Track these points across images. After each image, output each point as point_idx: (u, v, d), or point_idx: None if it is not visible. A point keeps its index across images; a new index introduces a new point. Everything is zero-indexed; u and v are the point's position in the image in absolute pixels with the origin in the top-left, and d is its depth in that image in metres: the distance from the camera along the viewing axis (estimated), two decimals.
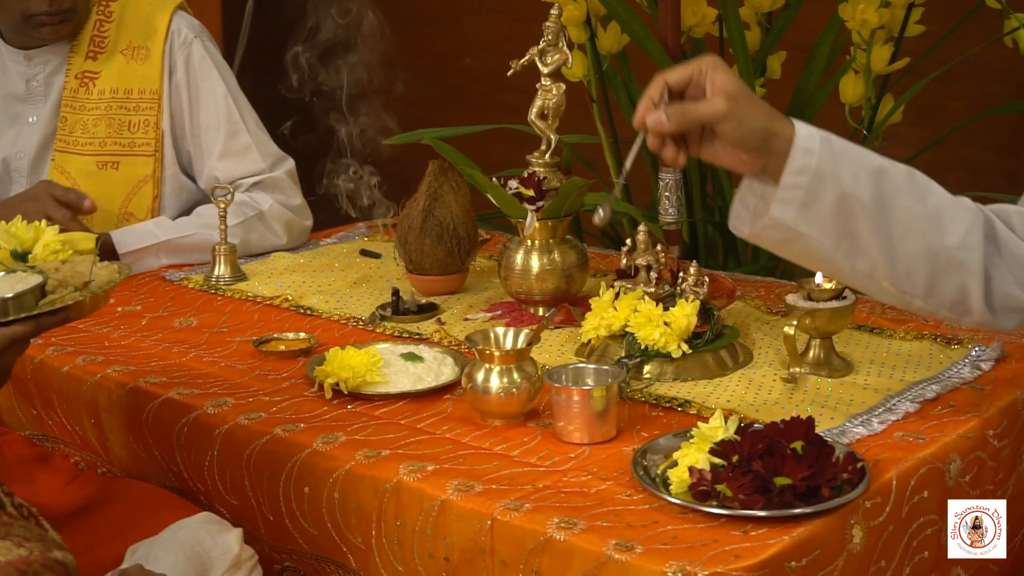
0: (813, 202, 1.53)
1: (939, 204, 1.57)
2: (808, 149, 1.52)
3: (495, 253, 2.28)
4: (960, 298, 1.58)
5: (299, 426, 1.71)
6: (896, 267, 1.56)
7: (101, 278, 1.65)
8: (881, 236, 1.55)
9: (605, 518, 1.44)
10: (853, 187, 1.53)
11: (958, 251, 1.56)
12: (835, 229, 1.55)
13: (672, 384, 1.82)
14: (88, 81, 2.55)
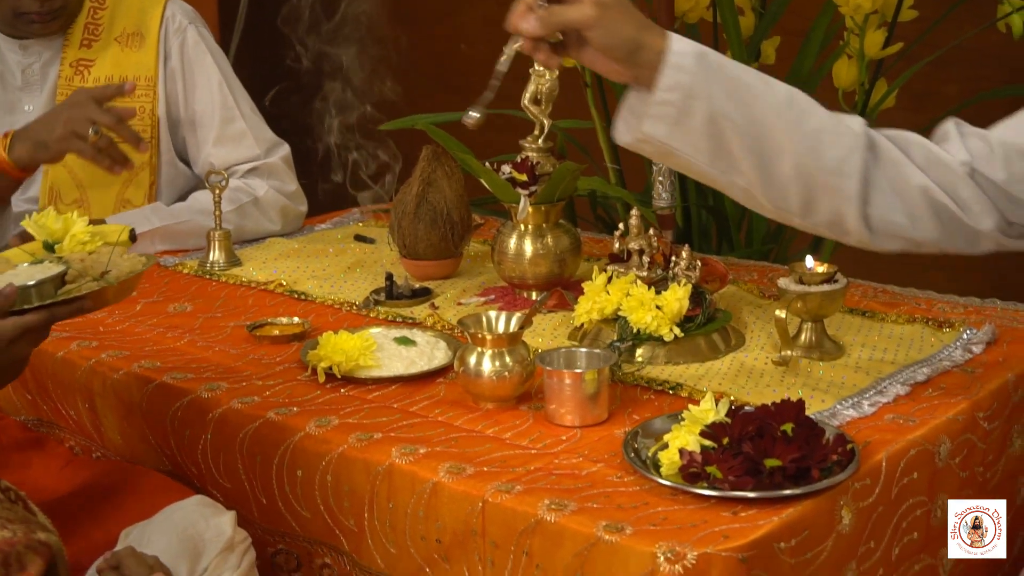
0: (684, 119, 1.52)
1: (818, 127, 1.55)
2: (680, 65, 1.50)
3: (489, 238, 2.29)
4: (836, 220, 1.58)
5: (292, 410, 1.72)
6: (771, 186, 1.56)
7: (122, 269, 1.65)
8: (754, 155, 1.54)
9: (596, 500, 1.45)
10: (725, 106, 1.51)
11: (832, 175, 1.55)
12: (708, 147, 1.54)
13: (664, 367, 1.82)
14: (83, 69, 2.55)
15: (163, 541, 1.58)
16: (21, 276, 1.61)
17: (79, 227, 1.76)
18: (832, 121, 1.57)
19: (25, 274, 1.61)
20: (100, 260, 1.66)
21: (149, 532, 1.60)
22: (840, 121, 1.57)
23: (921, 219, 1.59)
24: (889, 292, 2.13)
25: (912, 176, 1.57)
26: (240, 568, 1.59)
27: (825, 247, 2.72)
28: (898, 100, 2.54)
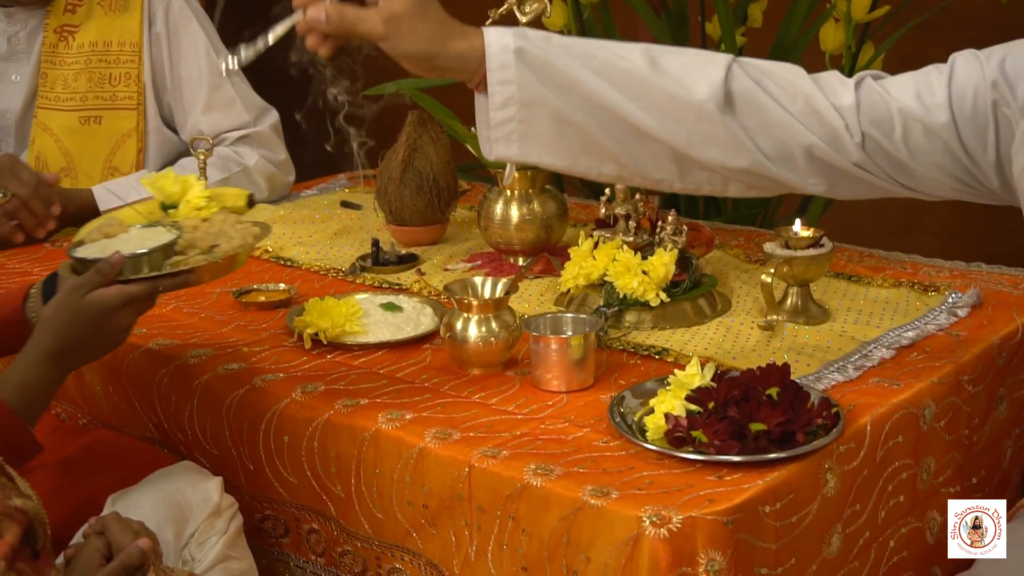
0: (530, 131, 1.47)
1: (663, 98, 1.47)
2: (505, 79, 1.45)
3: (475, 204, 2.28)
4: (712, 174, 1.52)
5: (278, 376, 1.72)
6: (639, 167, 1.51)
7: (233, 241, 1.62)
8: (612, 141, 1.48)
9: (582, 464, 1.45)
10: (564, 109, 1.46)
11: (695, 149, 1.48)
12: (566, 150, 1.49)
13: (650, 332, 1.83)
14: (67, 35, 2.53)
15: (149, 507, 1.58)
16: (132, 242, 1.59)
17: (196, 192, 1.71)
18: (679, 85, 1.48)
19: (136, 240, 1.60)
20: (212, 230, 1.63)
21: (136, 498, 1.60)
22: (689, 84, 1.48)
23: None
24: (875, 256, 2.13)
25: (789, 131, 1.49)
26: (227, 533, 1.60)
27: (812, 212, 2.72)
28: (885, 63, 2.53)
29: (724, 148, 1.49)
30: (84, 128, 2.54)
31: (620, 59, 1.48)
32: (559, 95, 1.46)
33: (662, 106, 1.47)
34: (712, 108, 1.47)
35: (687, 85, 1.48)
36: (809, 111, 1.49)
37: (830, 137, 1.49)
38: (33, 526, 1.20)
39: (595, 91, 1.47)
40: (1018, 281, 1.99)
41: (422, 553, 1.56)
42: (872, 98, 1.50)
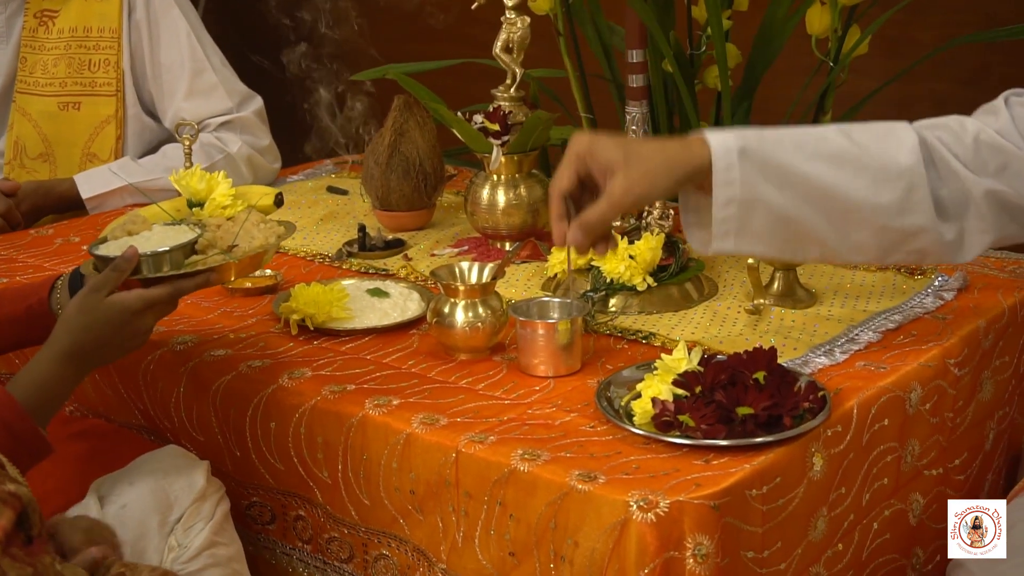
0: (746, 227, 1.53)
1: (871, 181, 1.53)
2: (728, 181, 1.50)
3: (462, 188, 2.28)
4: (919, 253, 1.59)
5: (265, 362, 1.72)
6: (846, 252, 1.58)
7: (254, 241, 1.61)
8: (821, 233, 1.54)
9: (569, 449, 1.45)
10: (781, 202, 1.52)
11: (903, 220, 1.54)
12: (777, 241, 1.55)
13: (637, 317, 1.83)
14: (47, 20, 2.52)
15: (134, 492, 1.57)
16: (154, 239, 1.59)
17: (221, 190, 1.70)
18: (886, 158, 1.54)
19: (158, 237, 1.60)
20: (235, 229, 1.63)
21: (121, 482, 1.60)
22: (892, 156, 1.55)
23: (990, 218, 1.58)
24: None
25: (968, 183, 1.56)
26: (214, 519, 1.59)
27: None
28: (872, 46, 2.53)
29: (927, 213, 1.54)
30: (63, 114, 2.53)
31: (824, 143, 1.55)
32: (776, 190, 1.52)
33: (875, 179, 1.53)
34: (921, 170, 1.53)
35: (892, 154, 1.54)
36: (979, 146, 1.55)
37: (1000, 166, 1.55)
38: (27, 511, 1.19)
39: (812, 178, 1.52)
40: (1004, 264, 1.99)
41: (409, 539, 1.56)
42: (1018, 105, 1.57)
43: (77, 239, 2.29)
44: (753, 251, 1.57)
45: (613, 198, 1.49)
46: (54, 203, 2.46)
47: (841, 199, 1.53)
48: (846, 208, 1.53)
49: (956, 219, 1.56)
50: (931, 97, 3.18)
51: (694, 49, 2.56)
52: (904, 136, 1.55)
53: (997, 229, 1.57)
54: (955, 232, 1.56)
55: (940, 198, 1.55)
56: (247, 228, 1.62)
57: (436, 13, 3.66)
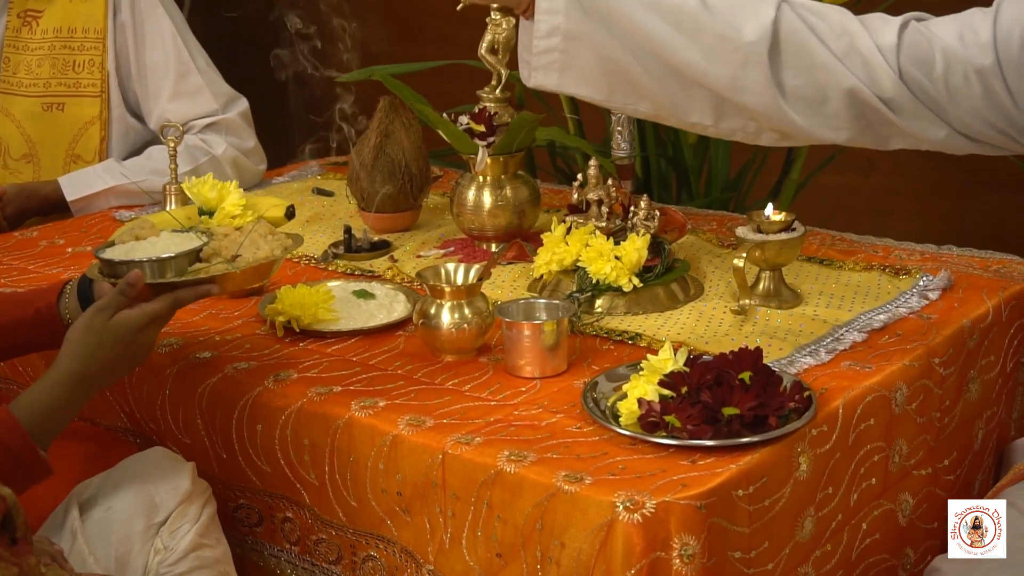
0: (571, 64, 1.47)
1: (712, 43, 1.47)
2: (552, 8, 1.45)
3: (447, 190, 2.28)
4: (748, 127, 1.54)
5: (251, 364, 1.71)
6: (674, 107, 1.52)
7: (259, 252, 1.60)
8: (654, 81, 1.48)
9: (555, 450, 1.45)
10: (608, 42, 1.46)
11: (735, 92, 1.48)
12: (604, 85, 1.49)
13: (623, 318, 1.83)
14: (31, 20, 2.51)
15: (118, 495, 1.57)
16: (159, 246, 1.59)
17: (232, 199, 1.69)
18: (729, 28, 1.47)
19: (163, 244, 1.60)
20: (241, 239, 1.62)
21: (106, 486, 1.59)
22: (736, 27, 1.48)
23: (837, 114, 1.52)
24: (846, 240, 2.14)
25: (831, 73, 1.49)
26: (200, 521, 1.59)
27: (783, 196, 2.72)
28: None
29: (762, 94, 1.48)
30: (47, 114, 2.52)
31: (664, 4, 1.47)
32: (605, 30, 1.45)
33: (710, 47, 1.47)
34: (761, 51, 1.47)
35: (737, 25, 1.47)
36: (852, 50, 1.48)
37: (869, 76, 1.48)
38: (12, 513, 1.19)
39: (643, 27, 1.46)
40: (988, 264, 2.00)
41: (396, 540, 1.56)
42: (915, 38, 1.48)
43: (62, 241, 2.28)
44: (579, 92, 1.51)
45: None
46: (38, 205, 2.46)
47: (670, 58, 1.47)
48: (676, 68, 1.48)
49: (808, 107, 1.50)
50: None
51: None
52: (761, 11, 1.49)
53: (850, 129, 1.52)
54: (806, 114, 1.50)
55: (791, 84, 1.49)
56: (253, 239, 1.62)
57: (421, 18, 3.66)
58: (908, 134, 1.52)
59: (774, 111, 1.50)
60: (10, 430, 1.46)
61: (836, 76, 1.48)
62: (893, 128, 1.52)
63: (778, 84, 1.49)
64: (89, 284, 1.65)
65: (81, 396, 1.54)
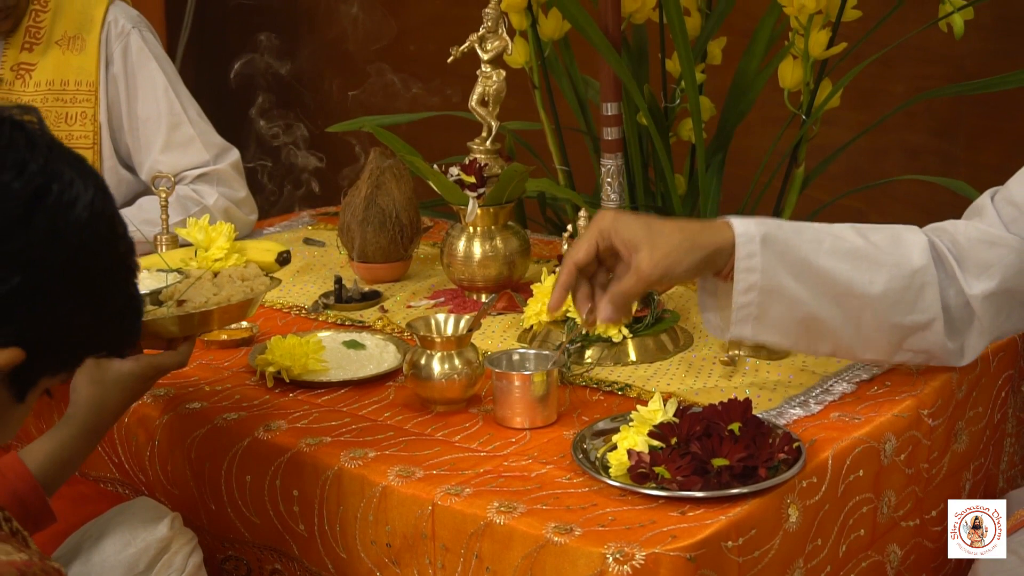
0: (765, 315, 1.58)
1: (888, 282, 1.60)
2: (749, 267, 1.55)
3: (438, 240, 2.29)
4: (929, 354, 1.68)
5: (241, 415, 1.71)
6: (857, 347, 1.65)
7: (215, 297, 1.60)
8: (836, 326, 1.61)
9: (545, 501, 1.45)
10: (800, 293, 1.58)
11: (916, 320, 1.62)
12: (793, 332, 1.61)
13: (613, 368, 1.83)
14: (24, 73, 2.52)
15: (101, 546, 1.57)
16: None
17: (219, 243, 1.69)
18: (900, 256, 1.62)
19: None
20: (217, 282, 1.62)
21: (89, 537, 1.59)
22: (906, 255, 1.62)
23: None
24: None
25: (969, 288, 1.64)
26: (186, 571, 1.58)
27: None
28: (844, 99, 2.56)
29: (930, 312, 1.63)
30: None
31: (842, 240, 1.62)
32: (796, 281, 1.58)
33: (891, 276, 1.61)
34: (932, 270, 1.62)
35: (905, 253, 1.63)
36: (972, 244, 1.64)
37: (993, 260, 1.63)
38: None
39: (830, 273, 1.59)
40: None
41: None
42: (1002, 204, 1.66)
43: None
44: (769, 340, 1.62)
45: (641, 272, 1.52)
46: None
47: (857, 295, 1.59)
48: (861, 304, 1.60)
49: (960, 330, 1.65)
50: (903, 148, 3.22)
51: (668, 102, 2.58)
52: (915, 237, 1.64)
53: (994, 329, 1.67)
54: (958, 342, 1.66)
55: (947, 305, 1.63)
56: (219, 282, 1.62)
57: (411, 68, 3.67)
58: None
59: (939, 332, 1.64)
60: (21, 478, 1.48)
61: (971, 286, 1.65)
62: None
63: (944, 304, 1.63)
64: None
65: (90, 446, 1.57)
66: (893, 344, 1.65)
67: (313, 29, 4.08)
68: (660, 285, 1.60)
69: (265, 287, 1.67)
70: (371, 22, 3.40)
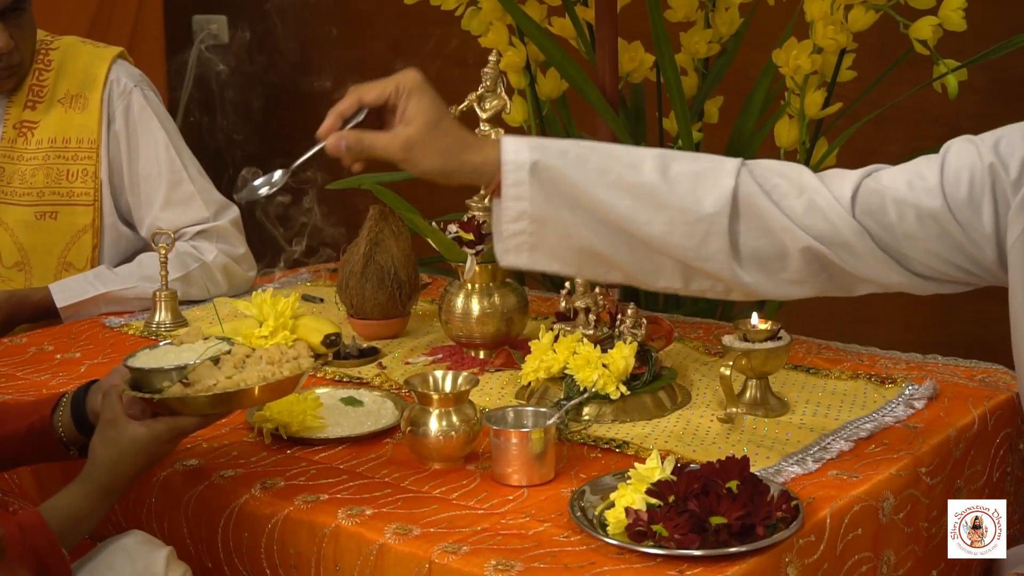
0: (540, 243, 1.54)
1: (672, 218, 1.53)
2: (517, 195, 1.52)
3: (436, 297, 2.29)
4: (716, 286, 1.60)
5: (238, 471, 1.71)
6: (644, 275, 1.59)
7: (248, 377, 1.58)
8: (620, 254, 1.55)
9: (542, 560, 1.45)
10: (576, 225, 1.53)
11: (700, 257, 1.55)
12: (574, 261, 1.57)
13: (611, 425, 1.83)
14: (26, 131, 2.54)
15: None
16: (184, 354, 1.61)
17: (272, 319, 1.65)
18: (689, 200, 1.55)
19: (174, 354, 1.61)
20: (250, 361, 1.61)
21: (84, 566, 1.58)
22: (697, 199, 1.55)
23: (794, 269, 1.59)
24: (832, 348, 2.15)
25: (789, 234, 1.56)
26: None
27: (769, 305, 2.74)
28: (839, 158, 2.58)
29: (722, 263, 1.56)
30: (40, 223, 2.54)
31: (633, 172, 1.55)
32: (570, 211, 1.53)
33: (672, 220, 1.54)
34: (722, 221, 1.54)
35: (698, 198, 1.55)
36: (812, 206, 1.56)
37: (830, 229, 1.55)
38: None
39: (607, 205, 1.53)
40: (973, 373, 2.01)
41: None
42: (867, 190, 1.56)
43: (51, 348, 2.29)
44: (550, 268, 1.58)
45: (392, 143, 1.52)
46: (29, 313, 2.46)
47: (635, 232, 1.54)
48: (642, 241, 1.55)
49: (766, 270, 1.57)
50: None
51: None
52: (721, 181, 1.56)
53: (812, 284, 1.59)
54: (760, 279, 1.58)
55: (751, 249, 1.56)
56: (250, 362, 1.60)
57: None
58: (870, 280, 1.59)
59: (732, 279, 1.58)
60: (40, 534, 1.49)
61: (794, 236, 1.56)
62: (854, 276, 1.59)
63: (735, 250, 1.56)
64: (83, 397, 1.66)
65: (108, 504, 1.58)
66: (683, 276, 1.58)
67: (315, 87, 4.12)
68: (404, 165, 1.53)
69: (293, 372, 1.62)
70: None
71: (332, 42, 4.11)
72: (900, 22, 2.40)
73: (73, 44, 2.62)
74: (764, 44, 2.65)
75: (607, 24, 2.52)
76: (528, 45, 2.67)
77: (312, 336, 1.67)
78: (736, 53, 2.77)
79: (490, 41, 2.63)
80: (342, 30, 4.13)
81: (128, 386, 1.59)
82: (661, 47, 2.56)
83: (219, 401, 1.57)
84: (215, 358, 1.59)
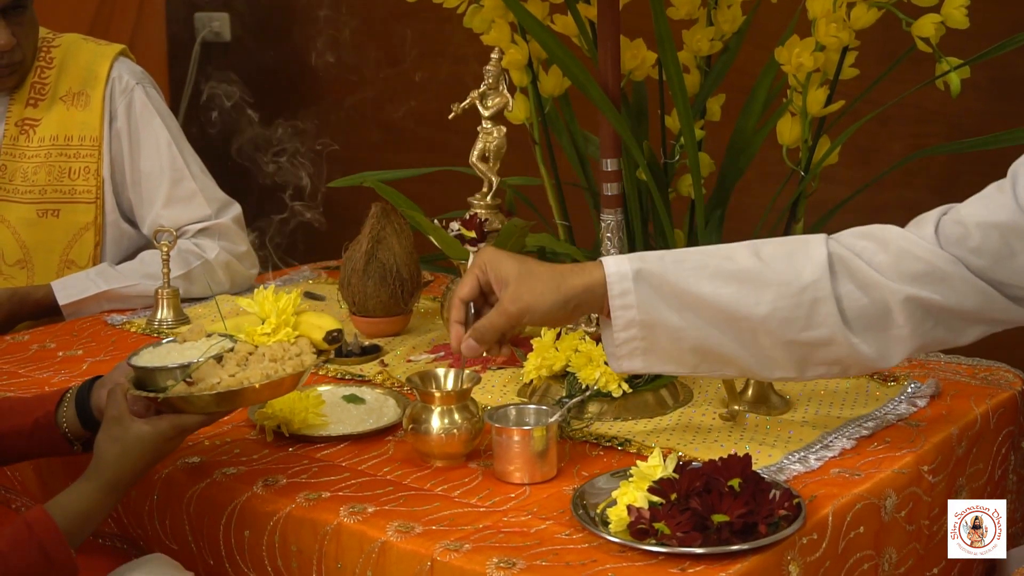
0: (653, 347, 1.59)
1: (772, 305, 1.57)
2: (625, 304, 1.57)
3: (438, 295, 2.29)
4: (837, 367, 1.63)
5: (240, 469, 1.71)
6: (759, 366, 1.62)
7: (251, 374, 1.58)
8: (729, 350, 1.59)
9: (544, 557, 1.45)
10: (684, 325, 1.58)
11: (811, 336, 1.58)
12: (688, 360, 1.61)
13: (613, 423, 1.83)
14: (28, 128, 2.54)
15: None
16: (187, 352, 1.61)
17: (274, 317, 1.66)
18: (789, 273, 1.58)
19: (189, 351, 1.61)
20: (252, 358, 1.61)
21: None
22: (796, 271, 1.59)
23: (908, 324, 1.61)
24: None
25: (886, 291, 1.59)
26: None
27: None
28: (842, 156, 2.57)
29: (831, 327, 1.58)
30: (42, 221, 2.54)
31: (729, 262, 1.60)
32: (677, 313, 1.58)
33: (778, 296, 1.58)
34: (825, 285, 1.57)
35: (797, 270, 1.59)
36: (901, 254, 1.59)
37: (923, 270, 1.58)
38: None
39: (711, 299, 1.58)
40: (976, 371, 2.01)
41: None
42: (948, 222, 1.61)
43: (53, 345, 2.29)
44: (666, 369, 1.63)
45: (502, 307, 1.58)
46: (31, 310, 2.46)
47: (742, 317, 1.58)
48: (750, 326, 1.58)
49: (874, 329, 1.60)
50: (901, 204, 3.22)
51: (667, 158, 2.59)
52: (813, 251, 1.60)
53: (920, 335, 1.61)
54: (872, 342, 1.60)
55: (855, 310, 1.59)
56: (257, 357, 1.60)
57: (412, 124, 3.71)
58: (975, 314, 1.60)
59: (846, 345, 1.59)
60: (47, 531, 1.49)
61: (891, 290, 1.59)
62: (959, 316, 1.60)
63: (843, 315, 1.58)
64: (88, 392, 1.66)
65: (114, 501, 1.58)
66: (799, 361, 1.61)
67: (317, 84, 4.12)
68: (524, 322, 1.59)
69: (296, 368, 1.62)
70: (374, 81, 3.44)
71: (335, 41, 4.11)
72: (903, 20, 2.40)
73: (75, 41, 2.62)
74: (766, 42, 2.64)
75: (609, 22, 2.51)
76: (530, 43, 2.66)
77: (314, 332, 1.67)
78: (738, 51, 2.76)
79: (492, 39, 2.63)
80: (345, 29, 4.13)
81: (132, 384, 1.59)
82: (664, 45, 2.56)
83: (223, 399, 1.57)
84: (218, 356, 1.59)
